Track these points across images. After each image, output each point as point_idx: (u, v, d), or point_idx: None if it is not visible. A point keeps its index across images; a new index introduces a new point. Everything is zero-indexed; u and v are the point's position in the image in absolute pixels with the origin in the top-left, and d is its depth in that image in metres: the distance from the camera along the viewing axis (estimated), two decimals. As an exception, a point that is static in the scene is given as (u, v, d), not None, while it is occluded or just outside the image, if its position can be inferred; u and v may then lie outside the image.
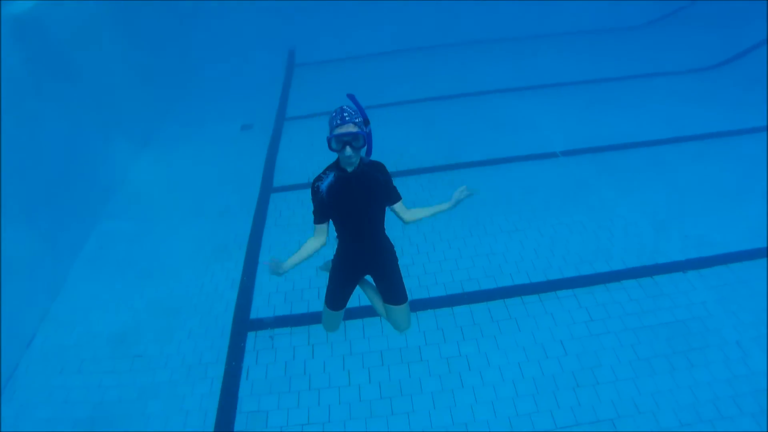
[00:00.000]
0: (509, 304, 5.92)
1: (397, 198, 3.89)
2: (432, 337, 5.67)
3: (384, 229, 3.99)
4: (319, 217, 3.79)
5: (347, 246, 3.99)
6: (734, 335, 5.31)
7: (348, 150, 3.39)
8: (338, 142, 3.38)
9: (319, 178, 3.65)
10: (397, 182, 4.22)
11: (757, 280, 5.84)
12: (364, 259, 4.06)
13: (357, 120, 3.41)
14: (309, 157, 9.27)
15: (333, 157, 3.73)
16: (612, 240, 6.62)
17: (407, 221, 4.02)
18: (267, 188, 8.55)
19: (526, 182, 7.90)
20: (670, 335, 5.38)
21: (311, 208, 3.83)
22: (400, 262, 4.53)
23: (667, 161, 8.03)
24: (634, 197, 7.32)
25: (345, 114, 3.40)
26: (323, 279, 6.20)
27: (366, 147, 3.52)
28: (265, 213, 7.92)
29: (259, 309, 6.29)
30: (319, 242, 3.90)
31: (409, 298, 5.90)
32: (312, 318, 5.98)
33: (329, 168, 3.66)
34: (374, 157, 3.77)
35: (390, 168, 3.92)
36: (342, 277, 4.20)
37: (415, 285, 6.30)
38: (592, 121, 9.37)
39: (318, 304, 6.08)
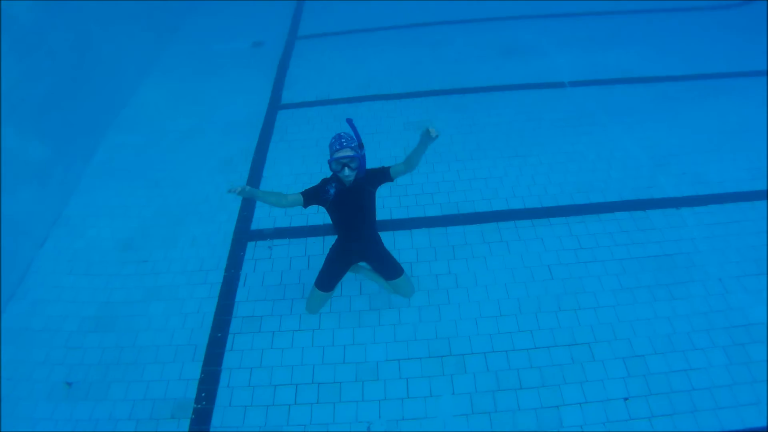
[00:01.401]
0: (502, 227, 6.05)
1: (386, 172, 4.27)
2: (424, 254, 5.85)
3: (375, 224, 4.61)
4: (307, 199, 4.24)
5: (344, 241, 4.61)
6: (718, 272, 5.44)
7: (346, 170, 3.96)
8: (338, 163, 3.94)
9: (327, 181, 4.19)
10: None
11: (749, 221, 5.92)
12: (359, 251, 4.71)
13: (353, 145, 3.97)
14: (319, 75, 9.28)
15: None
16: (610, 172, 6.66)
17: (409, 170, 4.26)
18: (275, 105, 8.60)
19: (531, 110, 7.89)
20: (655, 267, 5.53)
21: (311, 180, 4.40)
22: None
23: (673, 98, 7.94)
24: (637, 131, 7.30)
25: (343, 140, 3.97)
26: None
27: (360, 167, 4.05)
28: (272, 129, 8.01)
29: (260, 220, 6.48)
30: (284, 202, 4.23)
31: (406, 216, 6.13)
32: (311, 231, 6.19)
33: (331, 179, 4.19)
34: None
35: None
36: (338, 265, 4.79)
37: (412, 203, 6.46)
38: (603, 53, 9.20)
39: (317, 218, 6.26)
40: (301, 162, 7.27)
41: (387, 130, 7.69)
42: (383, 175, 4.27)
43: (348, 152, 3.93)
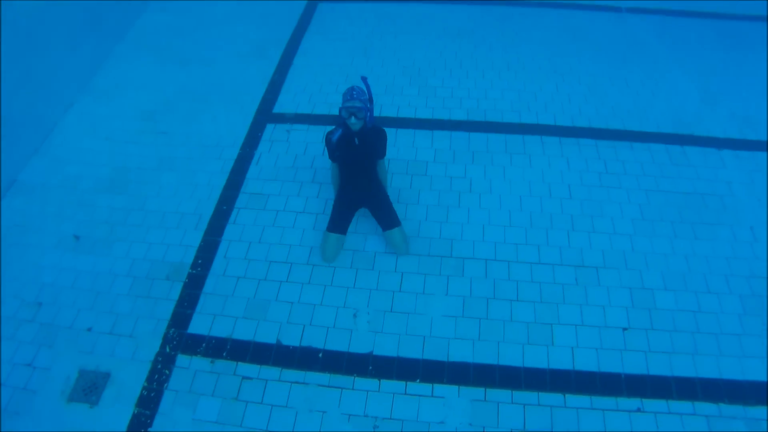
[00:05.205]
0: (527, 140, 5.81)
1: (382, 157, 4.76)
2: (442, 155, 5.68)
3: (376, 172, 4.82)
4: (332, 157, 4.66)
5: (347, 183, 4.79)
6: (750, 219, 5.14)
7: (353, 119, 4.29)
8: (347, 112, 4.27)
9: (331, 132, 4.50)
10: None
11: (796, 175, 5.53)
12: (359, 194, 4.84)
13: (363, 98, 4.31)
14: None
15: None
16: (652, 102, 6.27)
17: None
18: (315, -3, 8.34)
19: (580, 30, 7.45)
20: (683, 204, 5.24)
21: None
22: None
23: (736, 37, 7.36)
24: (690, 66, 6.83)
25: (354, 92, 4.30)
26: (351, 84, 6.19)
27: (367, 118, 4.37)
28: (310, 20, 7.79)
29: (283, 104, 6.38)
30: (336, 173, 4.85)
31: (431, 116, 6.00)
32: (331, 120, 6.05)
33: (339, 125, 4.48)
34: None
35: None
36: (343, 207, 4.86)
37: (438, 105, 6.26)
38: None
39: (337, 109, 6.09)
40: (333, 54, 7.10)
41: (426, 34, 7.42)
42: (383, 148, 4.70)
43: (357, 103, 4.26)
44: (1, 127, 5.50)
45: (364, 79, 4.39)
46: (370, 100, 4.41)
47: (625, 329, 4.37)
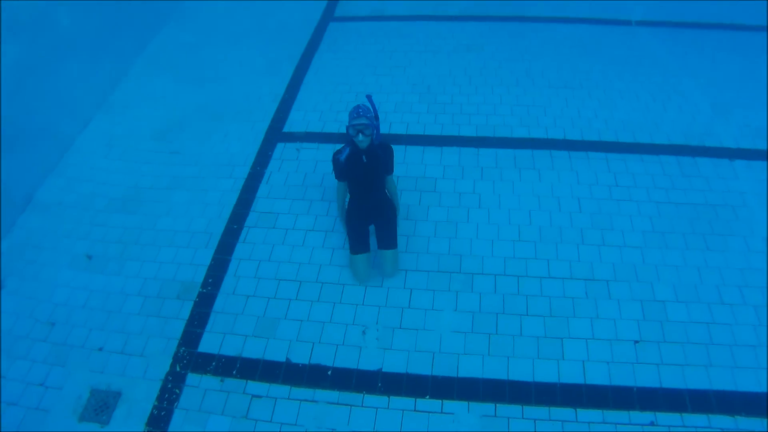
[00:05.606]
0: (536, 155, 5.80)
1: (390, 173, 4.78)
2: (451, 172, 5.69)
3: (385, 189, 4.83)
4: (340, 177, 4.71)
5: (357, 200, 4.78)
6: (764, 230, 5.06)
7: (360, 136, 4.32)
8: (354, 129, 4.31)
9: (338, 152, 4.54)
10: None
11: (811, 185, 5.46)
12: (369, 211, 4.79)
13: (369, 115, 4.35)
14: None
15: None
16: (663, 114, 6.23)
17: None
18: (328, 16, 8.40)
19: (590, 45, 7.43)
20: (694, 216, 5.19)
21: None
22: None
23: (748, 47, 7.29)
24: (701, 77, 6.77)
25: (360, 110, 4.35)
26: (360, 102, 6.25)
27: (374, 135, 4.43)
28: (321, 38, 7.87)
29: (294, 123, 6.44)
30: (344, 189, 4.85)
31: (440, 133, 6.05)
32: (340, 138, 6.08)
33: (346, 144, 4.51)
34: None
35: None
36: (356, 224, 4.83)
37: (448, 121, 6.28)
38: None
39: (348, 127, 6.18)
40: (343, 72, 7.16)
41: (436, 50, 7.45)
42: (391, 164, 4.71)
43: (363, 120, 4.29)
44: (16, 146, 5.60)
45: (368, 97, 4.46)
46: (376, 117, 4.44)
47: (636, 342, 4.33)
